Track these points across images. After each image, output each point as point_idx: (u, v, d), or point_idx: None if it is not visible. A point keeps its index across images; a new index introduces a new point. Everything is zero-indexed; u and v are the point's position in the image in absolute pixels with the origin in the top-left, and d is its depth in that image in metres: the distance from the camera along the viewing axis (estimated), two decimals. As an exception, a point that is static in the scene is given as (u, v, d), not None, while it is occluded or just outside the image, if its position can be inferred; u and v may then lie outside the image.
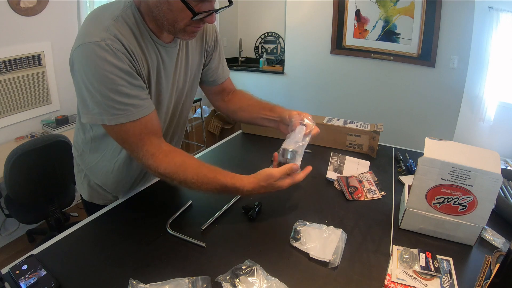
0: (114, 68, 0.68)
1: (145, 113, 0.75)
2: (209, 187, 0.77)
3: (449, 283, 0.63)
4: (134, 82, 0.73)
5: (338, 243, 0.76)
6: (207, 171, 0.77)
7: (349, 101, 3.40)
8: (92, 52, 0.66)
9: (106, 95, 0.69)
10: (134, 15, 0.74)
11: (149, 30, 0.77)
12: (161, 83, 0.85)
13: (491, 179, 0.71)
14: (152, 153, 0.76)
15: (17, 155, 1.56)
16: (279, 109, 1.00)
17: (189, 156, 0.81)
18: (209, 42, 0.97)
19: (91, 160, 0.94)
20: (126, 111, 0.72)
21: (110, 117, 0.72)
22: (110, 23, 0.69)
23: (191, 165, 0.78)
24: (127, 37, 0.72)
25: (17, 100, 2.15)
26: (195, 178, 0.76)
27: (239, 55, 4.13)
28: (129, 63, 0.71)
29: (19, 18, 2.05)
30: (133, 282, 0.62)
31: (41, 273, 0.65)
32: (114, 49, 0.68)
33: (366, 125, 1.32)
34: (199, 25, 0.74)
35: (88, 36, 0.67)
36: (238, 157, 1.36)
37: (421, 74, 2.97)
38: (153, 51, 0.79)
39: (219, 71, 1.04)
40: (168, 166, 0.76)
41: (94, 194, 1.00)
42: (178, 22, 0.71)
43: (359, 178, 1.06)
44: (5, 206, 1.84)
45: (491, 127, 2.96)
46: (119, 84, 0.70)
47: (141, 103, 0.74)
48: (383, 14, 3.00)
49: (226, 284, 0.64)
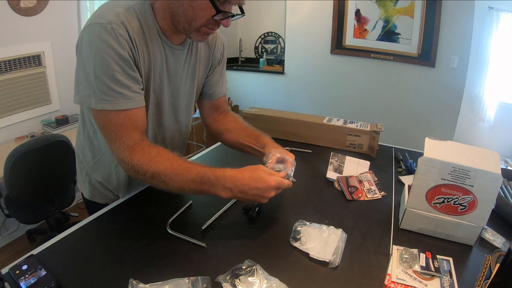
0: (113, 52, 0.69)
1: (132, 106, 0.75)
2: (183, 178, 0.72)
3: (449, 283, 0.63)
4: (129, 71, 0.73)
5: (338, 243, 0.76)
6: (182, 162, 0.74)
7: (349, 101, 3.40)
8: (96, 32, 0.68)
9: (99, 77, 0.70)
10: (146, 10, 0.76)
11: (159, 28, 0.78)
12: (163, 82, 0.85)
13: (491, 179, 0.71)
14: (129, 146, 0.75)
15: (17, 155, 1.56)
16: (264, 140, 0.95)
17: (167, 151, 0.77)
18: (216, 55, 0.98)
19: (93, 156, 0.95)
20: (114, 98, 0.72)
21: (97, 100, 0.72)
22: (121, 11, 0.71)
23: (166, 156, 0.75)
24: (133, 28, 0.73)
25: (17, 100, 2.15)
26: (169, 168, 0.72)
27: (239, 55, 4.13)
28: (129, 51, 0.72)
29: (19, 18, 2.05)
30: (133, 282, 0.62)
31: (41, 273, 0.65)
32: (118, 34, 0.69)
33: (366, 125, 1.32)
34: (214, 27, 0.75)
35: (97, 18, 0.69)
36: (238, 157, 1.35)
37: (421, 74, 2.97)
38: (158, 49, 0.80)
39: (219, 85, 1.04)
40: (142, 157, 0.73)
41: (95, 193, 1.01)
42: (196, 20, 0.72)
43: (359, 178, 1.06)
44: (5, 206, 1.84)
45: (491, 127, 2.96)
46: (114, 69, 0.70)
47: (131, 95, 0.75)
48: (383, 14, 3.00)
49: (226, 284, 0.64)
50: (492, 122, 2.91)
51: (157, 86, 0.85)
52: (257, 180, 0.72)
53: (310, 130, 1.38)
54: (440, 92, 2.92)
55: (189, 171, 0.72)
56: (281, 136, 1.44)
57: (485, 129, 3.01)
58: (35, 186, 1.72)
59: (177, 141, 1.03)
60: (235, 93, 3.88)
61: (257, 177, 0.72)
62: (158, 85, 0.85)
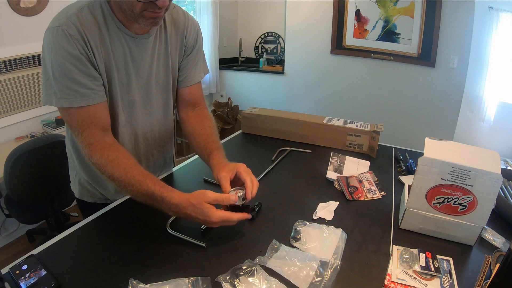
0: (66, 53, 0.72)
1: (89, 103, 0.77)
2: (134, 189, 0.75)
3: (449, 283, 0.63)
4: (84, 69, 0.75)
5: (338, 243, 0.76)
6: (137, 173, 0.76)
7: (349, 101, 3.40)
8: (51, 36, 0.72)
9: (56, 77, 0.74)
10: (102, 6, 0.78)
11: (117, 21, 0.79)
12: (130, 73, 0.86)
13: (491, 179, 0.71)
14: (90, 142, 0.78)
15: (17, 155, 1.56)
16: (213, 161, 0.88)
17: (127, 156, 0.80)
18: (188, 41, 0.97)
19: (77, 156, 0.96)
20: (72, 96, 0.75)
21: (57, 99, 0.76)
22: (73, 12, 0.74)
23: (123, 164, 0.77)
24: (86, 26, 0.75)
25: (17, 100, 2.15)
26: (123, 177, 0.75)
27: (239, 55, 4.13)
28: (81, 49, 0.74)
29: (19, 18, 2.05)
30: (133, 282, 0.62)
31: (41, 273, 0.65)
32: (68, 35, 0.72)
33: (366, 125, 1.32)
34: (155, 10, 0.74)
35: (52, 23, 0.74)
36: (238, 157, 1.36)
37: (421, 74, 2.97)
38: (118, 41, 0.81)
39: (191, 71, 1.00)
40: (101, 158, 0.77)
41: (84, 192, 1.02)
42: (134, 7, 0.73)
43: (359, 178, 1.06)
44: (5, 206, 1.84)
45: (491, 127, 2.97)
46: (68, 69, 0.73)
47: (87, 92, 0.77)
48: (383, 14, 3.00)
49: (226, 284, 0.64)
50: (492, 122, 2.91)
51: (124, 78, 0.85)
52: (198, 213, 0.73)
53: (310, 130, 1.38)
54: (440, 92, 2.92)
55: (141, 185, 0.75)
56: (281, 136, 1.44)
57: (485, 129, 3.01)
58: (35, 186, 1.71)
59: (158, 134, 1.01)
60: (235, 93, 3.88)
61: (198, 211, 0.72)
62: (124, 77, 0.85)
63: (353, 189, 1.02)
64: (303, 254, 0.72)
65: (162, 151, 1.07)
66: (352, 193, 1.00)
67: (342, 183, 1.04)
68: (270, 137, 1.45)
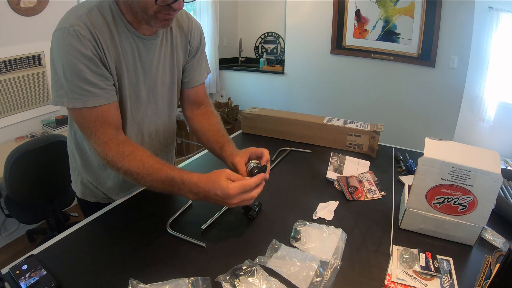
0: (77, 53, 0.72)
1: (102, 103, 0.77)
2: (153, 179, 0.75)
3: (449, 283, 0.63)
4: (96, 69, 0.75)
5: (338, 243, 0.76)
6: (154, 163, 0.76)
7: (349, 101, 3.40)
8: (61, 36, 0.72)
9: (68, 78, 0.74)
10: (111, 6, 0.78)
11: (126, 21, 0.79)
12: (138, 74, 0.86)
13: (491, 179, 0.71)
14: (104, 141, 0.78)
15: (17, 155, 1.56)
16: (226, 152, 0.90)
17: (142, 149, 0.80)
18: (193, 43, 0.98)
19: (80, 156, 0.96)
20: (84, 96, 0.75)
21: (68, 100, 0.75)
22: (83, 12, 0.74)
23: (139, 156, 0.77)
24: (97, 26, 0.75)
25: (17, 100, 2.15)
26: (141, 168, 0.75)
27: (239, 55, 4.13)
28: (93, 49, 0.74)
29: (19, 18, 2.05)
30: (133, 282, 0.62)
31: (41, 273, 0.65)
32: (80, 35, 0.71)
33: (366, 125, 1.32)
34: (169, 12, 0.74)
35: (61, 23, 0.73)
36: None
37: (421, 74, 2.97)
38: (127, 42, 0.81)
39: (196, 72, 1.02)
40: (116, 154, 0.76)
41: (87, 192, 1.02)
42: (148, 8, 0.73)
43: (359, 178, 1.06)
44: (5, 206, 1.84)
45: (491, 127, 2.96)
46: (80, 69, 0.73)
47: (100, 92, 0.77)
48: (383, 14, 3.00)
49: (226, 284, 0.64)
50: (492, 122, 2.91)
51: (132, 78, 0.86)
52: (216, 188, 0.71)
53: (310, 130, 1.38)
54: (440, 92, 2.92)
55: (159, 173, 0.75)
56: (281, 136, 1.44)
57: (485, 129, 3.01)
58: (35, 186, 1.71)
59: (163, 134, 1.02)
60: (235, 93, 3.88)
61: (216, 186, 0.71)
62: (133, 77, 0.86)
63: (353, 189, 1.02)
64: (303, 254, 0.72)
65: (165, 152, 1.08)
66: (352, 193, 1.00)
67: (342, 183, 1.04)
68: (270, 137, 1.45)
